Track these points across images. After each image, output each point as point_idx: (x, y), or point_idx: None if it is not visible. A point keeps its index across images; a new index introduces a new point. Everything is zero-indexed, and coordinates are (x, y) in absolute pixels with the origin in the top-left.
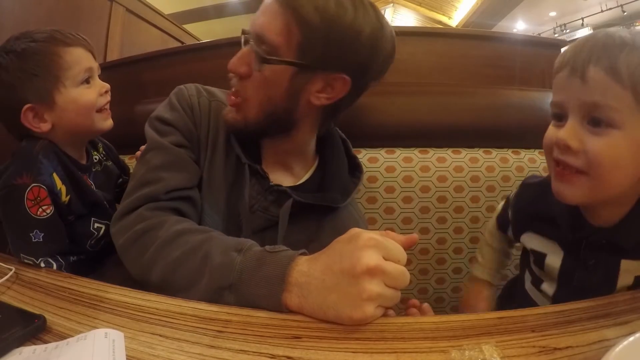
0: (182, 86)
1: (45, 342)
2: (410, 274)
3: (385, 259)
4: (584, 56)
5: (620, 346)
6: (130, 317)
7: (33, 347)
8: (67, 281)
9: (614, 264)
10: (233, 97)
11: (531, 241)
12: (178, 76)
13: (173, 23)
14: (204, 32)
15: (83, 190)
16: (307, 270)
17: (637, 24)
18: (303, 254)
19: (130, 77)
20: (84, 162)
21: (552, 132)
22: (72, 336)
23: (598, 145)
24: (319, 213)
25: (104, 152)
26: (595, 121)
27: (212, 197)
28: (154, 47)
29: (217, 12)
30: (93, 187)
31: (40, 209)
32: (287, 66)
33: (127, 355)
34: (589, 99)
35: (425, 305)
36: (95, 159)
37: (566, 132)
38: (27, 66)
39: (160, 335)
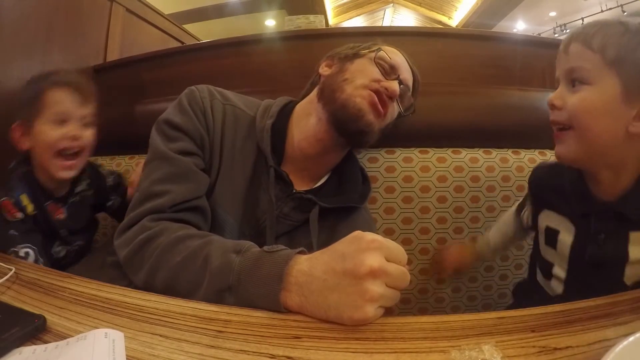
0: (193, 87)
1: (45, 342)
2: (410, 274)
3: (387, 260)
4: (569, 36)
5: (620, 346)
6: (130, 317)
7: (33, 347)
8: (67, 281)
9: (624, 236)
10: (382, 110)
11: (546, 218)
12: (178, 76)
13: (173, 23)
14: (204, 32)
15: (44, 218)
16: (307, 269)
17: None
18: (302, 252)
19: (130, 77)
20: (60, 193)
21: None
22: (72, 336)
23: (574, 99)
24: (337, 215)
25: (86, 185)
26: (574, 83)
27: (227, 201)
28: (154, 47)
29: (217, 12)
30: (61, 216)
31: (11, 215)
32: None
33: (127, 355)
34: (568, 66)
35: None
36: (77, 190)
37: (553, 95)
38: (27, 94)
39: (160, 335)
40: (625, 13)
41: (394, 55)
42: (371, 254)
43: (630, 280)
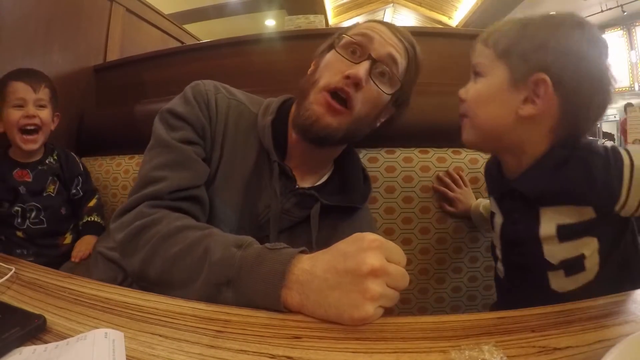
0: (199, 81)
1: (45, 342)
2: (410, 274)
3: (388, 261)
4: (478, 39)
5: (621, 346)
6: (130, 317)
7: (33, 347)
8: (67, 281)
9: (534, 213)
10: (339, 106)
11: (489, 201)
12: (178, 76)
13: (173, 23)
14: (204, 32)
15: (4, 179)
16: (309, 268)
17: (637, 24)
18: (303, 252)
19: (130, 77)
20: (26, 160)
21: None
22: (72, 336)
23: (471, 90)
24: (338, 214)
25: (56, 158)
26: (475, 76)
27: (227, 194)
28: (154, 47)
29: (217, 12)
30: (27, 179)
31: None
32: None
33: (127, 355)
34: (473, 62)
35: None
36: (48, 161)
37: (461, 89)
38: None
39: (160, 335)
40: (625, 13)
41: (366, 31)
42: (372, 254)
43: (554, 258)
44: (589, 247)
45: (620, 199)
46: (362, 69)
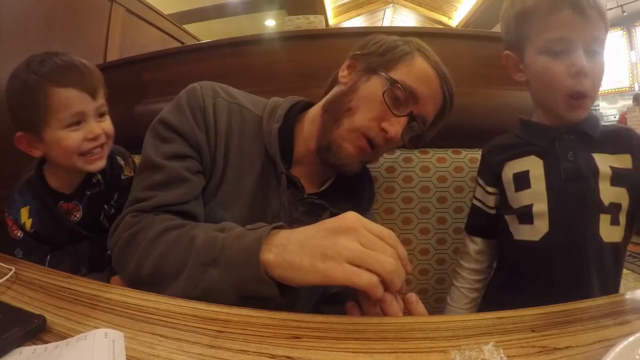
0: (196, 84)
1: (45, 342)
2: (410, 274)
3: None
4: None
5: (620, 346)
6: (130, 317)
7: (33, 347)
8: (67, 281)
9: (589, 155)
10: (370, 150)
11: (512, 168)
12: (178, 76)
13: (173, 23)
14: (204, 32)
15: (55, 219)
16: (287, 235)
17: (637, 24)
18: (282, 227)
19: (130, 77)
20: (69, 188)
21: (563, 66)
22: (72, 336)
23: (597, 68)
24: None
25: (99, 178)
26: (594, 50)
27: (233, 203)
28: (154, 47)
29: (217, 12)
30: (76, 214)
31: (13, 233)
32: None
33: (127, 355)
34: (591, 34)
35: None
36: (94, 180)
37: (584, 61)
38: (23, 98)
39: (160, 335)
40: (625, 13)
41: (421, 78)
42: (350, 216)
43: (606, 199)
44: (625, 200)
45: None
46: (400, 128)
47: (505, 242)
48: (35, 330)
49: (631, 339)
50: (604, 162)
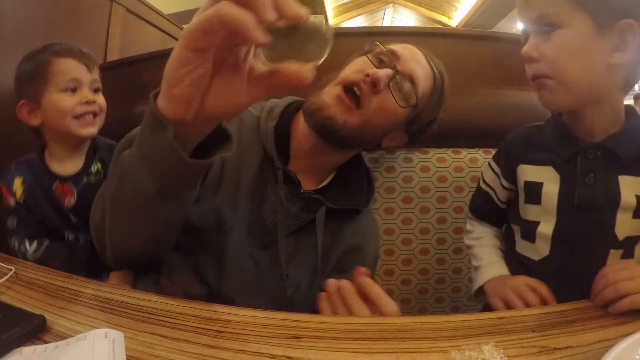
0: None
1: (45, 342)
2: (410, 274)
3: None
4: None
5: (621, 346)
6: (130, 317)
7: (33, 347)
8: (67, 281)
9: (613, 179)
10: (350, 102)
11: (525, 173)
12: None
13: (173, 23)
14: None
15: (47, 198)
16: None
17: None
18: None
19: (130, 77)
20: (68, 172)
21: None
22: (72, 336)
23: (551, 47)
24: (342, 216)
25: (99, 168)
26: (544, 30)
27: (233, 200)
28: (154, 47)
29: None
30: (72, 200)
31: (6, 200)
32: None
33: (127, 355)
34: (536, 14)
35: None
36: (93, 169)
37: (527, 47)
38: (27, 69)
39: (160, 335)
40: None
41: (399, 48)
42: None
43: (622, 233)
44: None
45: None
46: (383, 72)
47: (509, 252)
48: (35, 330)
49: (631, 339)
50: (630, 189)
